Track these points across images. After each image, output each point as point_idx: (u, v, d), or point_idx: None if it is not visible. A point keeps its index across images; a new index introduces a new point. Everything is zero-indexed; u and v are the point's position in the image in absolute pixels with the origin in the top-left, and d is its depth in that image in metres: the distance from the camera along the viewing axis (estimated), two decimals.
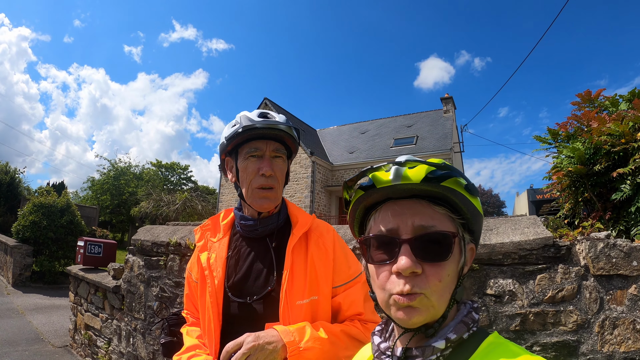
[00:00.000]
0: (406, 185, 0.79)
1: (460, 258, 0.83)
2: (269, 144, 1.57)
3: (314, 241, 1.60)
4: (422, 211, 0.80)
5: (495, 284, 2.56)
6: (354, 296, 1.60)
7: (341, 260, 1.62)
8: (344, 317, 1.62)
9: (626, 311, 2.33)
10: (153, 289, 4.60)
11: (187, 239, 4.27)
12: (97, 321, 5.84)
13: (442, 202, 0.81)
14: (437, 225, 0.79)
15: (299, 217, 1.65)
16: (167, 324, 2.56)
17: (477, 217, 0.84)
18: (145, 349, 4.67)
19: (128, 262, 5.08)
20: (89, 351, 6.05)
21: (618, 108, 4.22)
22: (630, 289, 2.33)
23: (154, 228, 5.12)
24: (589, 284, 2.41)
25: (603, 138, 3.67)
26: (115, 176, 37.00)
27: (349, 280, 1.61)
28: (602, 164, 3.75)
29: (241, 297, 1.55)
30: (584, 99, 4.47)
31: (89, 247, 7.14)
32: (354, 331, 1.53)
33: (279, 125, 1.53)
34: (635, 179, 3.43)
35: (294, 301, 1.49)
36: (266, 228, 1.64)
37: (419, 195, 0.81)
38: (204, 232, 1.75)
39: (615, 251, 2.37)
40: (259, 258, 1.62)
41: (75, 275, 6.62)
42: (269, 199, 1.58)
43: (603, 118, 3.81)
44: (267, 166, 1.54)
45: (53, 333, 7.48)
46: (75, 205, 14.76)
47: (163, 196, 29.06)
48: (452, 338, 0.79)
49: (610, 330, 2.33)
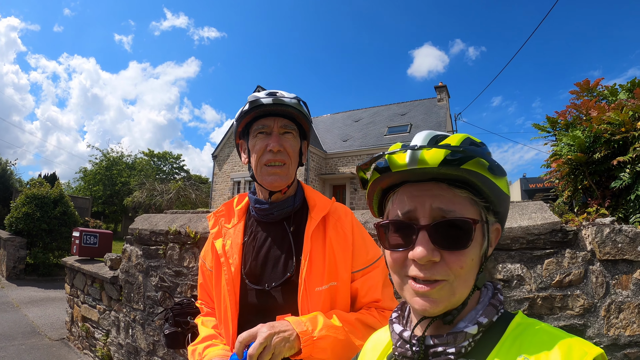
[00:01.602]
0: (423, 169, 0.76)
1: (483, 242, 0.79)
2: (276, 120, 1.53)
3: (332, 225, 1.56)
4: (441, 194, 0.77)
5: (504, 268, 2.59)
6: (372, 281, 1.56)
7: (360, 245, 1.58)
8: (361, 303, 1.59)
9: (631, 295, 2.37)
10: (152, 278, 4.57)
11: (187, 227, 4.23)
12: (94, 313, 5.78)
13: (464, 185, 0.77)
14: (457, 210, 0.75)
15: (316, 200, 1.62)
16: (171, 314, 2.55)
17: (503, 199, 0.80)
18: (145, 339, 4.65)
19: (126, 251, 5.03)
20: (86, 343, 6.01)
21: (617, 97, 4.27)
22: (635, 274, 2.38)
23: (152, 217, 5.07)
24: (595, 268, 2.45)
25: (603, 127, 3.71)
26: (107, 166, 36.84)
27: (367, 265, 1.58)
28: (601, 152, 3.79)
29: (259, 284, 1.51)
30: (583, 88, 4.51)
31: (84, 237, 7.05)
32: (371, 320, 1.49)
33: (285, 101, 1.49)
34: (635, 167, 3.48)
35: (313, 288, 1.45)
36: (282, 211, 1.59)
37: (438, 178, 0.77)
38: (218, 218, 1.70)
39: (621, 236, 2.41)
40: (276, 243, 1.57)
41: (71, 266, 6.53)
42: (278, 175, 1.52)
43: (603, 107, 3.85)
44: (274, 141, 1.50)
45: (49, 326, 7.43)
46: (68, 196, 14.63)
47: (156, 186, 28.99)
48: (484, 322, 0.77)
49: (616, 314, 2.38)
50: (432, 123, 25.53)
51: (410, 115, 27.84)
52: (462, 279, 0.75)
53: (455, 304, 0.77)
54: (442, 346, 0.76)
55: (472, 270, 0.77)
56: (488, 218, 0.80)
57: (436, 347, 0.77)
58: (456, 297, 0.76)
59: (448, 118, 26.89)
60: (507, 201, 0.81)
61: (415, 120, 26.74)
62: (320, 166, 26.09)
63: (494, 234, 0.83)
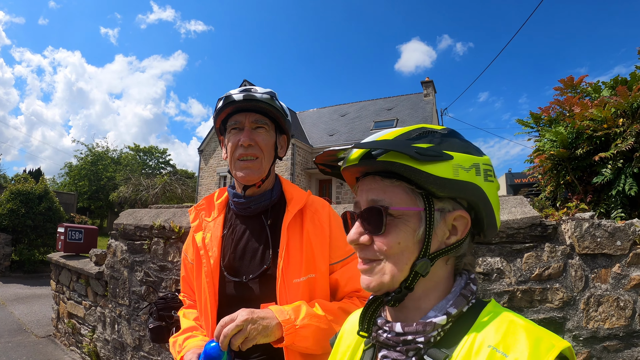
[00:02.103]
0: (353, 166, 0.85)
1: (419, 228, 0.80)
2: (248, 115, 1.56)
3: (310, 217, 1.59)
4: (374, 186, 0.83)
5: (484, 262, 2.63)
6: (351, 272, 1.59)
7: (337, 237, 1.60)
8: (342, 294, 1.61)
9: (610, 289, 2.42)
10: (137, 273, 4.55)
11: (172, 221, 4.22)
12: (80, 309, 5.73)
13: (395, 175, 0.81)
14: (387, 199, 0.81)
15: (293, 193, 1.64)
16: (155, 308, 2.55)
17: (442, 184, 0.78)
18: (130, 335, 4.63)
19: (111, 247, 4.99)
20: (73, 340, 5.96)
21: (600, 94, 4.32)
22: (614, 268, 2.43)
23: (137, 212, 5.04)
24: (575, 262, 2.50)
25: (585, 123, 3.76)
26: (92, 161, 36.45)
27: (346, 256, 1.60)
28: (584, 148, 3.85)
29: (237, 277, 1.54)
30: (567, 85, 4.56)
31: (69, 233, 7.00)
32: (352, 308, 1.50)
33: (256, 96, 1.51)
34: (617, 164, 3.54)
35: (291, 279, 1.48)
36: (259, 205, 1.62)
37: (374, 172, 0.84)
38: (199, 212, 1.73)
39: (600, 231, 2.46)
40: (254, 236, 1.60)
41: (56, 262, 6.47)
42: (250, 169, 1.56)
43: (586, 104, 3.90)
44: (245, 136, 1.54)
45: (36, 323, 7.36)
46: (53, 192, 14.43)
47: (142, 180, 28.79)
48: (453, 313, 0.79)
49: (595, 308, 2.42)
50: (418, 118, 25.63)
51: (396, 110, 27.92)
52: (391, 261, 0.80)
53: (391, 285, 0.81)
54: (412, 335, 0.80)
55: (402, 253, 0.80)
56: (436, 206, 0.81)
57: (406, 336, 0.81)
58: (388, 277, 0.80)
59: (434, 113, 27.03)
60: (456, 185, 0.79)
61: (402, 115, 26.83)
62: (306, 160, 26.09)
63: (458, 222, 0.83)
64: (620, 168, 3.54)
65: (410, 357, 0.80)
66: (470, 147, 0.84)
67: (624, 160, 3.55)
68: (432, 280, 0.84)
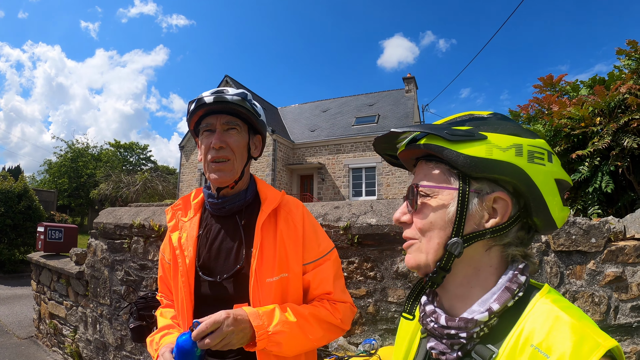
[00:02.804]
0: (403, 152, 0.90)
1: (449, 207, 0.80)
2: (219, 117, 1.56)
3: (283, 217, 1.60)
4: (420, 170, 0.87)
5: None
6: (323, 274, 1.61)
7: (311, 237, 1.62)
8: (313, 295, 1.63)
9: (585, 285, 2.47)
10: (118, 273, 4.51)
11: (151, 220, 4.20)
12: (61, 309, 5.65)
13: (436, 158, 0.83)
14: (425, 180, 0.84)
15: (268, 193, 1.65)
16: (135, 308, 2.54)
17: (475, 164, 0.77)
18: (112, 334, 4.60)
19: (91, 246, 4.94)
20: (55, 341, 5.88)
21: (579, 93, 4.39)
22: (589, 264, 2.48)
23: (116, 210, 4.99)
24: (550, 259, 2.54)
25: (563, 121, 3.83)
26: (72, 158, 35.95)
27: (318, 257, 1.62)
28: (561, 145, 3.91)
29: (211, 276, 1.55)
30: (546, 83, 4.62)
31: (49, 232, 6.84)
32: (323, 313, 1.54)
33: (226, 97, 1.51)
34: (594, 161, 3.60)
35: (264, 279, 1.49)
36: (234, 205, 1.63)
37: (422, 156, 0.87)
38: (175, 211, 1.73)
39: (575, 228, 2.50)
40: (228, 236, 1.61)
41: (36, 262, 6.38)
42: (222, 171, 1.55)
43: (564, 102, 3.96)
44: (216, 139, 1.53)
45: (17, 324, 7.23)
46: (32, 190, 14.12)
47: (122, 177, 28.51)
48: (495, 309, 0.76)
49: None
50: (400, 114, 25.74)
51: (378, 105, 27.99)
52: (425, 239, 0.82)
53: (427, 265, 0.82)
54: (455, 329, 0.78)
55: (433, 231, 0.81)
56: (473, 186, 0.80)
57: (450, 330, 0.79)
58: (423, 256, 0.82)
59: (416, 109, 27.15)
60: (486, 165, 0.77)
61: (383, 111, 26.91)
62: (287, 156, 26.03)
63: (498, 204, 0.80)
64: (597, 166, 3.61)
65: (455, 350, 0.79)
66: (520, 130, 0.81)
67: (601, 158, 3.62)
68: (471, 265, 0.82)
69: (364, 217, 3.11)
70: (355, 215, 3.16)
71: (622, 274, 2.42)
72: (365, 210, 3.19)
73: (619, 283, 2.43)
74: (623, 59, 4.11)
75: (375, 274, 3.05)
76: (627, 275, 2.42)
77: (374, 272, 3.05)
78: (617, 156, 3.52)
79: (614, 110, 3.68)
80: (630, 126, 3.46)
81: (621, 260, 2.44)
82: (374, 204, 3.23)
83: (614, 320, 2.42)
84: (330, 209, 3.31)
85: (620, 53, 4.07)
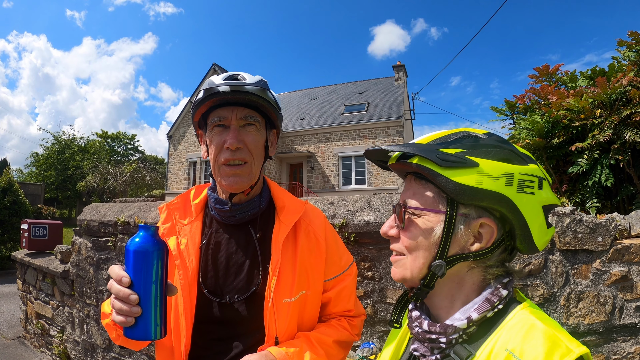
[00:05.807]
0: (392, 165, 0.92)
1: (434, 230, 0.83)
2: (235, 110, 1.29)
3: (304, 231, 1.39)
4: (409, 186, 0.90)
5: None
6: (345, 292, 1.46)
7: (333, 251, 1.44)
8: (330, 312, 1.47)
9: (591, 285, 2.41)
10: (103, 272, 4.38)
11: (136, 217, 4.07)
12: (48, 309, 5.51)
13: (424, 177, 0.85)
14: (412, 199, 0.86)
15: (285, 201, 1.42)
16: None
17: (464, 192, 0.78)
18: (100, 335, 4.49)
19: (75, 244, 4.79)
20: (43, 341, 5.75)
21: (577, 84, 4.33)
22: (594, 264, 2.41)
23: (100, 206, 4.84)
24: (555, 258, 2.47)
25: (562, 112, 3.76)
26: (59, 150, 35.69)
27: (340, 272, 1.45)
28: (560, 137, 3.85)
29: (218, 295, 1.33)
30: (542, 73, 4.56)
31: (33, 230, 6.59)
32: (344, 336, 1.41)
33: (246, 87, 1.24)
34: (593, 154, 3.55)
35: (281, 300, 1.29)
36: (246, 214, 1.38)
37: (412, 172, 0.88)
38: (172, 211, 1.42)
39: (582, 227, 2.43)
40: (239, 249, 1.37)
41: (21, 261, 6.21)
42: (239, 176, 1.29)
43: (562, 93, 3.89)
44: (232, 137, 1.27)
45: (5, 324, 7.09)
46: (17, 184, 13.85)
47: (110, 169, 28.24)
48: (474, 318, 0.80)
49: (576, 304, 2.41)
50: (389, 102, 25.67)
51: (367, 94, 27.91)
52: (411, 257, 0.86)
53: (412, 280, 0.87)
54: (436, 334, 0.83)
55: (420, 251, 0.84)
56: (460, 210, 0.82)
57: (431, 334, 0.84)
58: (409, 272, 0.86)
59: (405, 97, 27.08)
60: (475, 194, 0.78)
61: (373, 99, 26.83)
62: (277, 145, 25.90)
63: (484, 229, 0.82)
64: (596, 159, 3.56)
65: (435, 353, 0.84)
66: (512, 155, 0.82)
67: (601, 151, 3.57)
68: (454, 282, 0.86)
69: (361, 213, 3.00)
70: (352, 211, 3.05)
71: (627, 273, 2.36)
72: (362, 207, 3.07)
73: (624, 282, 2.37)
74: (623, 50, 4.05)
75: (373, 274, 2.95)
76: (632, 274, 2.36)
77: (372, 272, 2.96)
78: (618, 149, 3.45)
79: (615, 102, 3.61)
80: (632, 119, 3.40)
81: (627, 259, 2.37)
82: (371, 200, 3.12)
83: (619, 320, 2.36)
84: (325, 205, 3.20)
85: (622, 44, 4.00)
